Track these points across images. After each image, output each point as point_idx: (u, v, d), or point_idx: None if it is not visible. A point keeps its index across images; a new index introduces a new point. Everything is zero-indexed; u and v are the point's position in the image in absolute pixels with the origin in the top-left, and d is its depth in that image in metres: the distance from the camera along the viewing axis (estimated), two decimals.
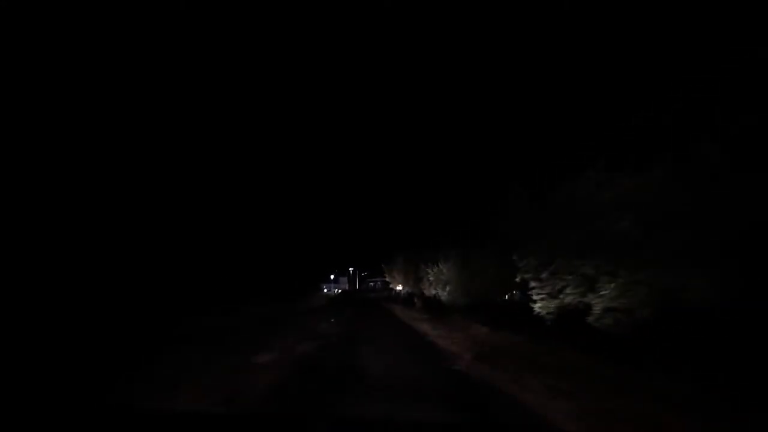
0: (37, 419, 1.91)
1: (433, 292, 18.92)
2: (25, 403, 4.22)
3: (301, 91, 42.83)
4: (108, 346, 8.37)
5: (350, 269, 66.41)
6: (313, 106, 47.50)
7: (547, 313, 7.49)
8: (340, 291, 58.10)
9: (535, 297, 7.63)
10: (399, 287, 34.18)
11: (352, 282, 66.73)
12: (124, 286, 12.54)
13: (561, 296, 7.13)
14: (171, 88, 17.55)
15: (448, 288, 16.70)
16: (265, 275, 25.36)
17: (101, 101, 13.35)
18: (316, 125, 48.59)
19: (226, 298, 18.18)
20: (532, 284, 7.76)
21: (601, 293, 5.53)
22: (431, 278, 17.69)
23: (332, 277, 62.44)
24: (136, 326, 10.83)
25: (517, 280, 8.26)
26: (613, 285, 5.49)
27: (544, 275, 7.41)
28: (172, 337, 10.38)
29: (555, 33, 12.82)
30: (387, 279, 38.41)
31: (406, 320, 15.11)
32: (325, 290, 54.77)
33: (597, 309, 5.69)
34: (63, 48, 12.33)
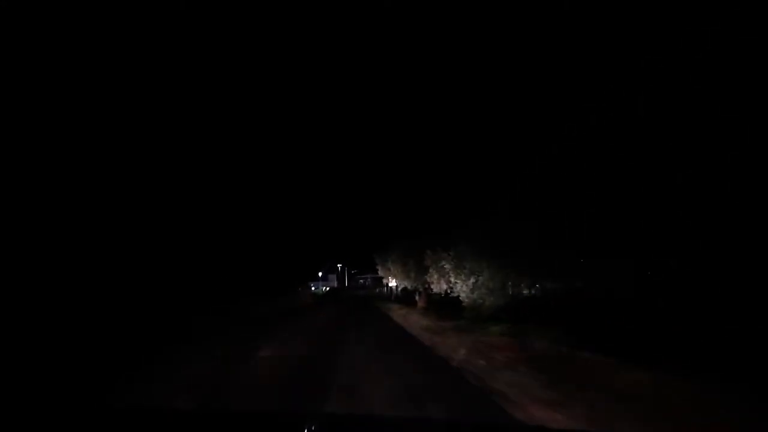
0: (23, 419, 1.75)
1: (445, 287, 13.47)
2: (21, 403, 4.06)
3: (278, 82, 37.01)
4: None
5: (339, 266, 61.75)
6: (293, 96, 41.62)
7: None
8: (327, 289, 54.15)
9: None
10: (393, 283, 28.74)
11: (340, 279, 62.19)
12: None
13: None
14: (169, 89, 17.72)
15: (473, 280, 11.27)
16: (245, 273, 23.59)
17: (104, 102, 13.36)
18: (295, 114, 42.63)
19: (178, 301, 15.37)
20: None
21: None
22: (447, 266, 12.20)
23: (320, 274, 58.24)
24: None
25: None
26: None
27: None
28: None
29: None
30: (378, 275, 33.33)
31: (417, 335, 9.48)
32: (313, 288, 50.64)
33: None
34: (63, 48, 12.20)
